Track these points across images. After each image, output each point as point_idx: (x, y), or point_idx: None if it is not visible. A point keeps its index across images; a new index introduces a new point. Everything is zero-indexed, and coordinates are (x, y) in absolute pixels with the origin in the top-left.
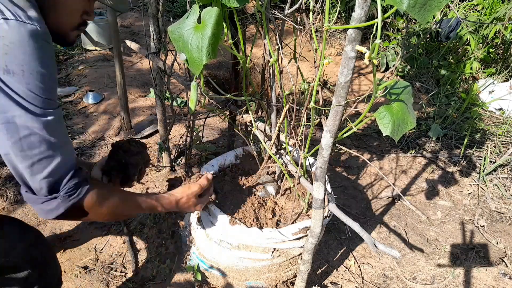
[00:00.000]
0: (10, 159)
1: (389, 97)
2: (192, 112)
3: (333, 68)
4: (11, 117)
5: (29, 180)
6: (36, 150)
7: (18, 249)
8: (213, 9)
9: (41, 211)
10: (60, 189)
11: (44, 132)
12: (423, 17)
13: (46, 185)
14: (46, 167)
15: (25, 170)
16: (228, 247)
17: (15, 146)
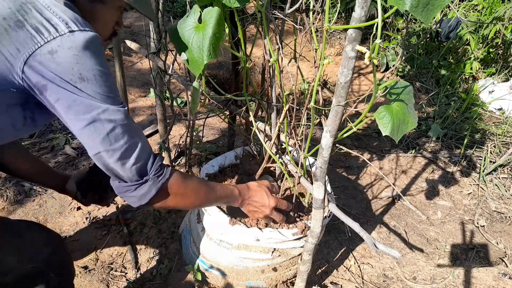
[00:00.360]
0: (101, 157)
1: (389, 97)
2: (192, 112)
3: (333, 68)
4: (96, 115)
5: (121, 171)
6: (121, 141)
7: (43, 254)
8: (214, 9)
9: (134, 198)
10: (148, 172)
11: (125, 122)
12: (426, 17)
13: (136, 171)
14: (132, 154)
15: (115, 163)
16: (228, 247)
17: (104, 142)
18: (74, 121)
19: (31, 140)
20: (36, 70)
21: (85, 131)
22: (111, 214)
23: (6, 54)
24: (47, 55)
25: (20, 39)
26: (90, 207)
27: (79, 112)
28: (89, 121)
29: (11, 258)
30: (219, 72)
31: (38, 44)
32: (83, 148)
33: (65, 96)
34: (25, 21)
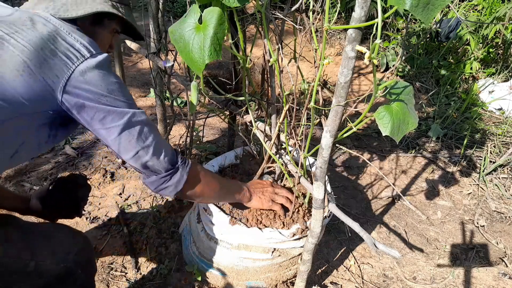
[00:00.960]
0: (139, 157)
1: (389, 97)
2: (191, 112)
3: (333, 68)
4: (128, 120)
5: (157, 163)
6: (150, 138)
7: (73, 253)
8: (215, 9)
9: (171, 187)
10: (177, 160)
11: (148, 121)
12: (426, 17)
13: (168, 161)
14: (161, 148)
15: (152, 158)
16: (228, 247)
17: (139, 141)
18: (111, 129)
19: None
20: (74, 93)
21: (122, 136)
22: (111, 214)
23: (49, 81)
24: (79, 77)
25: (57, 66)
26: (90, 207)
27: (114, 120)
28: (123, 126)
29: (47, 260)
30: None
31: (71, 69)
32: (83, 148)
33: (100, 109)
34: (56, 49)
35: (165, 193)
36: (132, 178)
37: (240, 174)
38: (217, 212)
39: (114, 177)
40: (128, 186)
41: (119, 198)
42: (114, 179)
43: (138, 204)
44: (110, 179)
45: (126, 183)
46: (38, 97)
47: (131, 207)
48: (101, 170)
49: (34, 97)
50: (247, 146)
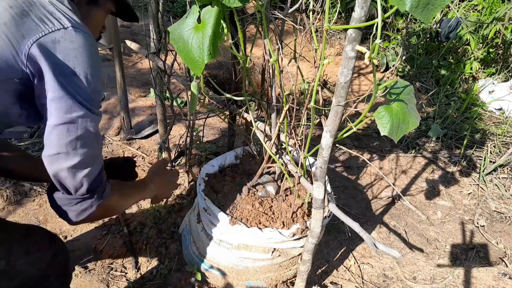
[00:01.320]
0: (57, 159)
1: (389, 97)
2: (191, 112)
3: (333, 68)
4: (75, 117)
5: (71, 179)
6: (86, 148)
7: (47, 256)
8: (212, 8)
9: (73, 213)
10: (97, 187)
11: (96, 131)
12: (426, 17)
13: (86, 183)
14: (90, 165)
15: (70, 169)
16: (228, 247)
17: (70, 144)
18: (53, 115)
19: (31, 140)
20: (39, 58)
21: (58, 128)
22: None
23: (13, 40)
24: (50, 43)
25: (25, 26)
26: None
27: (61, 110)
28: (66, 120)
29: (20, 261)
30: (219, 72)
31: (42, 32)
32: None
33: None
34: (30, 11)
35: (62, 216)
36: None
37: (240, 174)
38: (217, 212)
39: None
40: None
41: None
42: None
43: (138, 204)
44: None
45: None
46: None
47: (131, 207)
48: None
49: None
50: (247, 146)
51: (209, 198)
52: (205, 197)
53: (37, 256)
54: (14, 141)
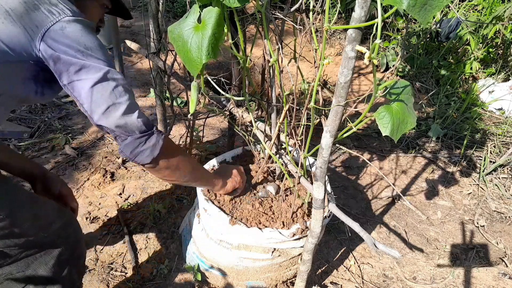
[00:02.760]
0: (109, 112)
1: (389, 97)
2: (192, 112)
3: (333, 68)
4: (103, 74)
5: (130, 124)
6: (125, 97)
7: (56, 225)
8: (213, 9)
9: (147, 151)
10: (152, 125)
11: (124, 82)
12: (424, 17)
13: (142, 122)
14: (135, 109)
15: (124, 115)
16: (228, 247)
17: (112, 96)
18: (85, 81)
19: (31, 140)
20: (50, 45)
21: (95, 88)
22: (111, 214)
23: (28, 30)
24: (58, 30)
25: (38, 18)
26: (90, 207)
27: (89, 72)
28: (97, 79)
29: (26, 224)
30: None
31: (51, 22)
32: (83, 148)
33: (76, 62)
34: (40, 5)
35: (141, 158)
36: (132, 178)
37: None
38: (217, 212)
39: (114, 177)
40: (128, 186)
41: (119, 198)
42: (114, 179)
43: (138, 204)
44: (110, 179)
45: (126, 183)
46: (18, 44)
47: (131, 207)
48: (101, 170)
49: (15, 44)
50: (247, 146)
51: (209, 198)
52: (205, 197)
53: (45, 222)
54: (14, 141)
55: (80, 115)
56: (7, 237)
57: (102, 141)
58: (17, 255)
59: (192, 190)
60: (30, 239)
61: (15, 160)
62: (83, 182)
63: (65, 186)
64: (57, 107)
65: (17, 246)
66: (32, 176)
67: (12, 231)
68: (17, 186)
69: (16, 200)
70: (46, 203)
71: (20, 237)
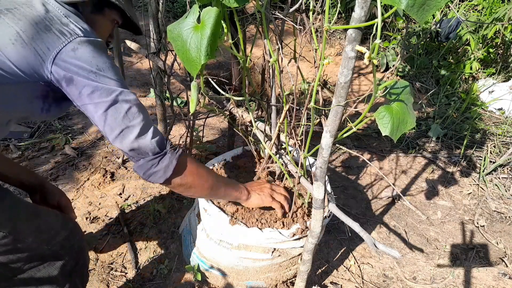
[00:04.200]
0: (124, 135)
1: (389, 97)
2: (192, 112)
3: (333, 68)
4: (115, 97)
5: (143, 147)
6: (139, 118)
7: (60, 237)
8: (212, 9)
9: (160, 172)
10: (165, 145)
11: (138, 102)
12: (422, 17)
13: (156, 143)
14: (149, 129)
15: (137, 138)
16: (228, 247)
17: (124, 119)
18: (99, 105)
19: (31, 140)
20: (62, 67)
21: (109, 112)
22: (111, 214)
23: (40, 52)
24: (70, 52)
25: (49, 40)
26: (90, 207)
27: (102, 95)
28: (110, 102)
29: (29, 237)
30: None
31: (63, 44)
32: (83, 148)
33: (88, 84)
34: (51, 26)
35: (154, 179)
36: (132, 178)
37: (240, 174)
38: (217, 212)
39: (114, 177)
40: (128, 186)
41: (119, 198)
42: (114, 179)
43: (138, 204)
44: (110, 179)
45: (126, 183)
46: (28, 66)
47: (131, 207)
48: (101, 170)
49: (25, 66)
50: (247, 146)
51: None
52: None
53: (49, 236)
54: (14, 141)
55: (80, 115)
56: (10, 253)
57: (102, 141)
58: (21, 267)
59: None
60: (34, 253)
61: (14, 171)
62: (83, 182)
63: (64, 197)
64: None
65: (20, 260)
66: (31, 187)
67: (16, 247)
68: (19, 200)
69: (18, 215)
70: (49, 214)
71: (24, 251)
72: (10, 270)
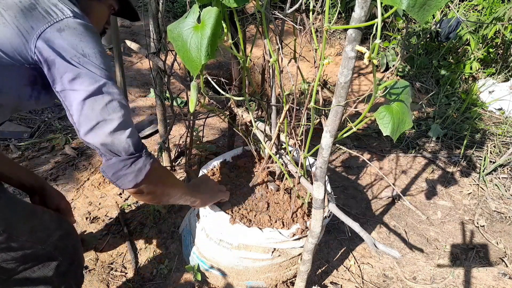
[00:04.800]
0: (99, 128)
1: (389, 97)
2: (192, 112)
3: (333, 68)
4: (98, 87)
5: (117, 143)
6: (119, 113)
7: (54, 237)
8: (212, 9)
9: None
10: (142, 147)
11: (120, 98)
12: (422, 17)
13: (131, 143)
14: (127, 127)
15: (113, 133)
16: (228, 247)
17: (103, 111)
18: (78, 92)
19: (31, 140)
20: (45, 47)
21: (87, 102)
22: (111, 214)
23: (22, 31)
24: (55, 32)
25: (33, 18)
26: (90, 207)
27: (84, 84)
28: (90, 92)
29: (23, 236)
30: (219, 72)
31: (48, 23)
32: (83, 148)
33: (71, 69)
34: (37, 4)
35: (123, 182)
36: None
37: (240, 174)
38: (217, 212)
39: None
40: None
41: (119, 198)
42: None
43: (138, 204)
44: None
45: None
46: (11, 47)
47: (131, 207)
48: None
49: (7, 47)
50: (247, 146)
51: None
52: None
53: (44, 235)
54: (14, 141)
55: None
56: (3, 251)
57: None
58: (15, 268)
59: None
60: (28, 252)
61: (15, 172)
62: (83, 182)
63: (64, 201)
64: (57, 107)
65: (14, 260)
66: (31, 188)
67: (9, 245)
68: (14, 198)
69: (13, 213)
70: (44, 214)
71: (17, 250)
72: (5, 271)
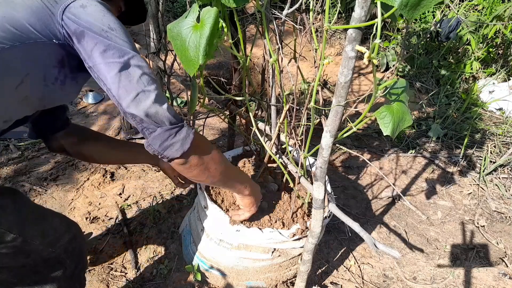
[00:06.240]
0: (139, 100)
1: (389, 97)
2: (191, 112)
3: (333, 68)
4: (128, 60)
5: (160, 114)
6: (153, 85)
7: (63, 240)
8: (212, 9)
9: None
10: (181, 118)
11: (150, 71)
12: (411, 15)
13: (172, 114)
14: (164, 99)
15: (154, 103)
16: (228, 247)
17: (140, 82)
18: (112, 64)
19: (31, 140)
20: (73, 20)
21: (122, 74)
22: (111, 214)
23: (48, 5)
24: (79, 8)
25: None
26: (90, 207)
27: (115, 56)
28: (124, 64)
29: (36, 240)
30: (219, 72)
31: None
32: None
33: (101, 41)
34: None
35: (170, 152)
36: (132, 178)
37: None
38: (217, 212)
39: (114, 177)
40: (128, 186)
41: (119, 198)
42: (114, 179)
43: (138, 204)
44: (110, 179)
45: (126, 183)
46: (40, 21)
47: (131, 207)
48: (101, 170)
49: (36, 21)
50: (247, 146)
51: (209, 197)
52: (206, 196)
53: (54, 238)
54: (14, 141)
55: (80, 115)
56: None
57: None
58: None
59: (192, 190)
60: (40, 256)
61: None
62: (83, 182)
63: None
64: None
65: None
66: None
67: (24, 249)
68: (28, 202)
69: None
70: (54, 217)
71: (30, 254)
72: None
